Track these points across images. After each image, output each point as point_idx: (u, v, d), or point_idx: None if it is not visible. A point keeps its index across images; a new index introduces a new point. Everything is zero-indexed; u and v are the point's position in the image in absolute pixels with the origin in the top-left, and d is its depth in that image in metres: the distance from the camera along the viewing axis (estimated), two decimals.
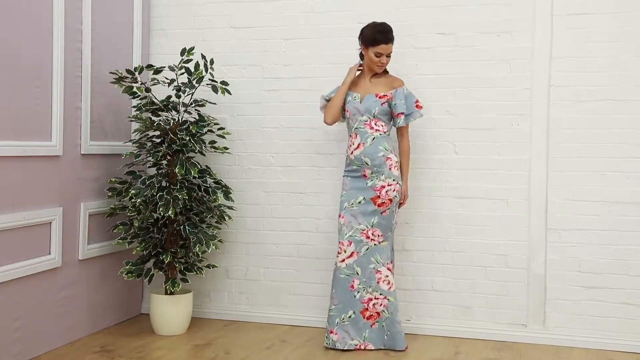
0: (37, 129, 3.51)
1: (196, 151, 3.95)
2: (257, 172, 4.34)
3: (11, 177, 3.32)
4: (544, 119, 3.89)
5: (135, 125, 4.23)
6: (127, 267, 3.90)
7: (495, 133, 3.96)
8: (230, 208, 4.17)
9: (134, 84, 3.92)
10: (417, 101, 3.76)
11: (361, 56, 3.80)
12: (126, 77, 3.89)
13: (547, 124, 3.89)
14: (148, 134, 4.05)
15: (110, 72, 3.93)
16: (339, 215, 3.74)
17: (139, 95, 3.98)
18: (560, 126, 3.87)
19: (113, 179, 3.96)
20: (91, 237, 3.94)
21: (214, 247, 3.92)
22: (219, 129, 4.10)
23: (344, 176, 3.80)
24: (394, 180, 3.70)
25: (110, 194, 3.94)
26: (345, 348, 3.68)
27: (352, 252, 3.69)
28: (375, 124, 3.71)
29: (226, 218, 4.11)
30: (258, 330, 4.13)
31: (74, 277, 3.81)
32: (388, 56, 3.70)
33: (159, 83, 4.01)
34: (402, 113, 3.71)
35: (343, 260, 3.70)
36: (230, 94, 4.12)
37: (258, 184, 4.33)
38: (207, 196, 3.99)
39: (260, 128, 4.32)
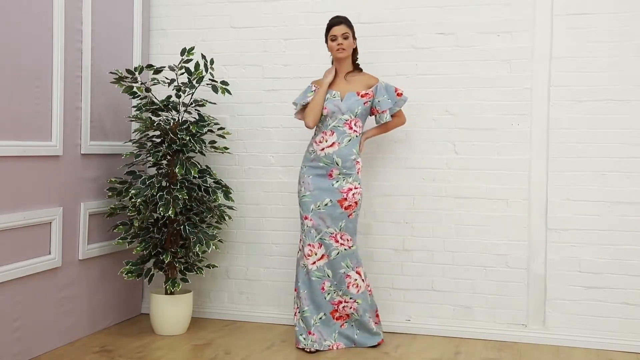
0: (37, 129, 3.51)
1: (196, 151, 3.95)
2: (257, 172, 4.34)
3: (11, 177, 3.32)
4: (544, 119, 3.89)
5: (135, 125, 4.23)
6: (127, 267, 3.90)
7: (495, 133, 3.96)
8: (231, 208, 4.17)
9: (134, 84, 3.92)
10: (396, 89, 3.75)
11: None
12: (126, 77, 3.89)
13: (547, 124, 3.89)
14: (148, 134, 4.05)
15: (110, 72, 3.94)
16: (305, 217, 3.68)
17: (139, 95, 3.98)
18: (560, 126, 3.87)
19: (113, 179, 3.96)
20: (91, 237, 3.94)
21: (214, 247, 3.92)
22: (219, 129, 4.10)
23: (304, 173, 3.72)
24: (359, 184, 3.70)
25: (110, 193, 3.94)
26: (322, 349, 3.67)
27: (323, 255, 3.67)
28: (355, 125, 3.68)
29: (226, 218, 4.11)
30: (258, 330, 4.13)
31: (74, 277, 3.81)
32: (345, 38, 3.66)
33: (159, 83, 4.01)
34: (388, 109, 3.71)
35: (314, 263, 3.67)
36: (231, 94, 4.12)
37: (258, 183, 4.33)
38: (207, 196, 4.00)
39: (260, 128, 4.32)
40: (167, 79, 4.03)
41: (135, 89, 3.94)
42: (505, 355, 3.67)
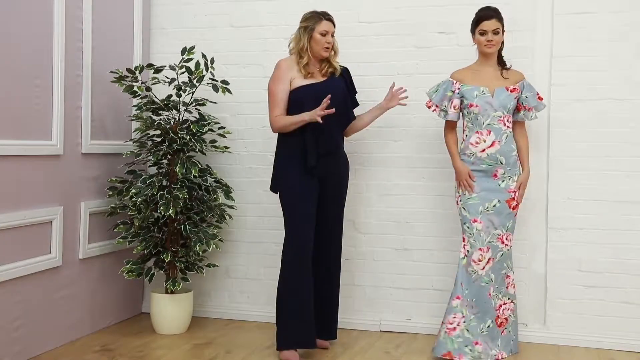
0: (38, 128, 3.51)
1: (197, 150, 3.95)
2: (258, 172, 4.34)
3: (12, 176, 3.32)
4: (544, 118, 3.89)
5: (135, 125, 4.23)
6: (128, 266, 3.90)
7: None
8: (231, 207, 4.17)
9: (134, 83, 3.92)
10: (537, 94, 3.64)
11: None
12: (127, 76, 3.89)
13: (547, 123, 3.89)
14: (148, 133, 4.04)
15: (111, 71, 3.93)
16: (473, 220, 3.52)
17: (140, 95, 3.98)
18: (560, 125, 3.87)
19: (113, 178, 3.96)
20: (92, 236, 3.94)
21: (214, 246, 3.92)
22: (219, 128, 4.10)
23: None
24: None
25: (110, 193, 3.94)
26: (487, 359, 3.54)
27: (489, 259, 3.53)
28: (508, 121, 3.52)
29: (227, 217, 4.11)
30: (258, 329, 4.13)
31: (74, 276, 3.81)
32: (496, 33, 3.50)
33: (160, 82, 4.01)
34: (534, 106, 3.58)
35: (483, 268, 3.53)
36: (231, 93, 4.12)
37: (258, 183, 4.33)
38: (208, 195, 4.00)
39: (260, 127, 4.31)
40: (167, 78, 4.03)
41: (135, 88, 3.94)
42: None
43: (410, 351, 3.71)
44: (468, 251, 3.55)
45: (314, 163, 3.46)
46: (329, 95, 3.36)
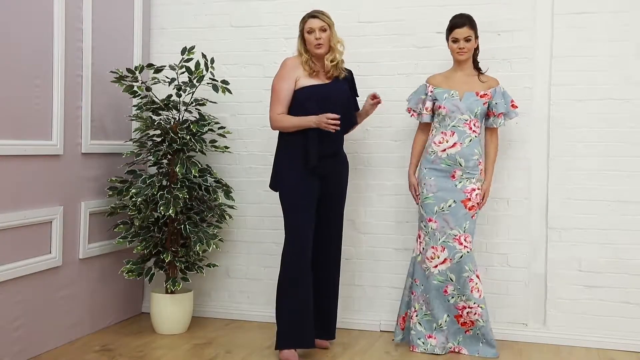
0: (38, 128, 3.51)
1: (197, 150, 3.95)
2: (258, 171, 4.34)
3: (12, 176, 3.32)
4: (544, 119, 3.89)
5: (135, 125, 4.23)
6: (128, 266, 3.90)
7: None
8: (231, 207, 4.16)
9: (134, 83, 3.92)
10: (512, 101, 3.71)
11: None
12: (127, 76, 3.89)
13: (547, 123, 3.89)
14: (148, 133, 4.05)
15: (111, 71, 3.93)
16: (429, 219, 3.63)
17: (140, 95, 3.98)
18: (560, 125, 3.87)
19: (114, 178, 3.96)
20: (92, 236, 3.94)
21: (214, 246, 3.92)
22: (219, 128, 4.10)
23: (425, 175, 3.66)
24: (482, 184, 3.67)
25: (110, 193, 3.94)
26: (443, 353, 3.61)
27: (445, 259, 3.60)
28: (474, 125, 3.60)
29: (227, 217, 4.11)
30: (258, 329, 4.13)
31: (74, 276, 3.81)
32: (467, 41, 3.58)
33: (160, 82, 4.01)
34: (503, 113, 3.66)
35: (436, 267, 3.61)
36: (231, 93, 4.11)
37: (258, 183, 4.33)
38: (208, 195, 4.00)
39: (260, 127, 4.31)
40: (167, 78, 4.03)
41: (135, 88, 3.95)
42: (506, 354, 3.67)
43: (410, 351, 3.71)
44: (423, 248, 3.66)
45: (315, 163, 3.46)
46: (339, 116, 3.37)
